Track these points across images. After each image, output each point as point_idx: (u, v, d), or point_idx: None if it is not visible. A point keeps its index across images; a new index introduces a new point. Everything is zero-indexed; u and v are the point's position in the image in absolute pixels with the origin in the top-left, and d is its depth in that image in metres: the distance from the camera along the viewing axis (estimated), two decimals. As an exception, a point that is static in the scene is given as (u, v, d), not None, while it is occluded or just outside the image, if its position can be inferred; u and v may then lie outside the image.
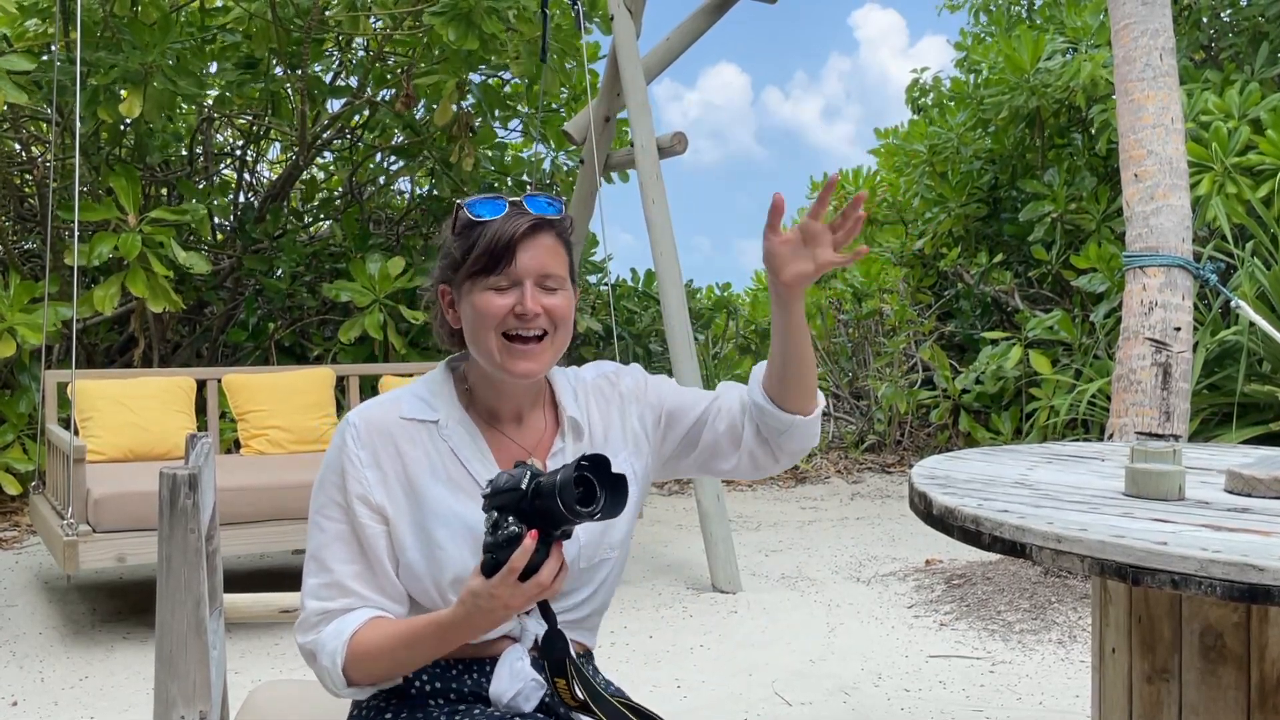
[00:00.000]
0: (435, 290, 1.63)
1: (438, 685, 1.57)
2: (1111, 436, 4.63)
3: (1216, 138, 6.03)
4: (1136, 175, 4.68)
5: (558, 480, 1.37)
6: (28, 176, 7.50)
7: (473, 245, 1.55)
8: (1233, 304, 4.50)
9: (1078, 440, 6.45)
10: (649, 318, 9.12)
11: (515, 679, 1.56)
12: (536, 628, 1.60)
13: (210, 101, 7.51)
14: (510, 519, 1.40)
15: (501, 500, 1.41)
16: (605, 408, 1.70)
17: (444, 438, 1.59)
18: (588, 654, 1.70)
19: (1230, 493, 1.75)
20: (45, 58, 6.27)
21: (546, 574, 1.40)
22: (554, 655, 1.52)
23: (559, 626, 1.57)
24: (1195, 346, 5.14)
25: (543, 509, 1.39)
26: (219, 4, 7.22)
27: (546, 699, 1.57)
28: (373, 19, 7.10)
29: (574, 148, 7.62)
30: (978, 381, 7.77)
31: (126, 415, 4.79)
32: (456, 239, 1.58)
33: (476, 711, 1.54)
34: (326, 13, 6.81)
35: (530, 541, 1.38)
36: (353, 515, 1.54)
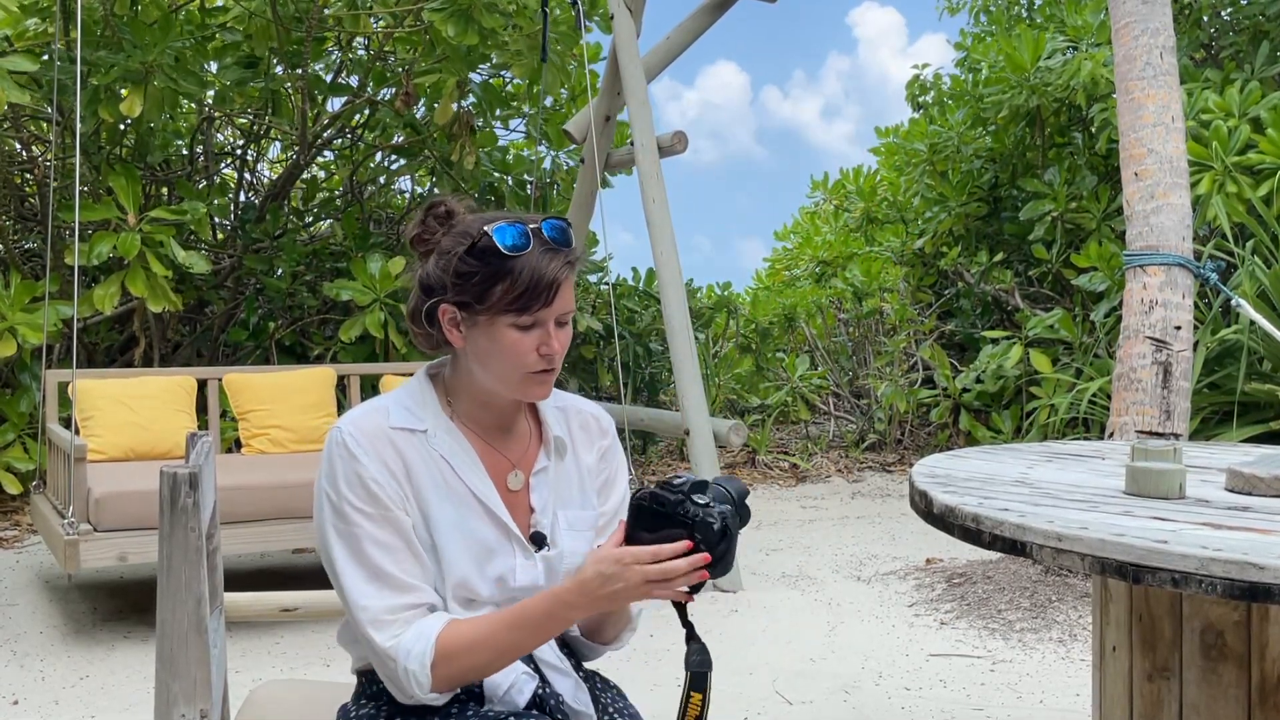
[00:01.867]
0: (433, 305, 1.58)
1: None
2: (1112, 435, 4.63)
3: (1217, 136, 6.03)
4: (1137, 174, 4.67)
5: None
6: (28, 176, 7.50)
7: (500, 278, 1.52)
8: (1233, 303, 4.50)
9: (1078, 439, 6.45)
10: (649, 317, 9.11)
11: (507, 672, 1.56)
12: None
13: (210, 100, 7.51)
14: (718, 510, 1.46)
15: (712, 503, 1.47)
16: (588, 440, 1.72)
17: (434, 448, 1.58)
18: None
19: (1230, 491, 1.75)
20: (45, 57, 6.27)
21: (674, 571, 1.45)
22: (700, 668, 1.54)
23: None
24: (1195, 345, 5.13)
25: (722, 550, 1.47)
26: (219, 3, 7.22)
27: (539, 691, 1.58)
28: (373, 19, 7.09)
29: (574, 147, 7.62)
30: (978, 380, 7.77)
31: (127, 415, 4.79)
32: (475, 263, 1.53)
33: (469, 712, 1.54)
34: (326, 11, 6.81)
35: (687, 547, 1.45)
36: (386, 514, 1.53)
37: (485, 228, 1.54)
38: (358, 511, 1.52)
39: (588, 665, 1.73)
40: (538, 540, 1.62)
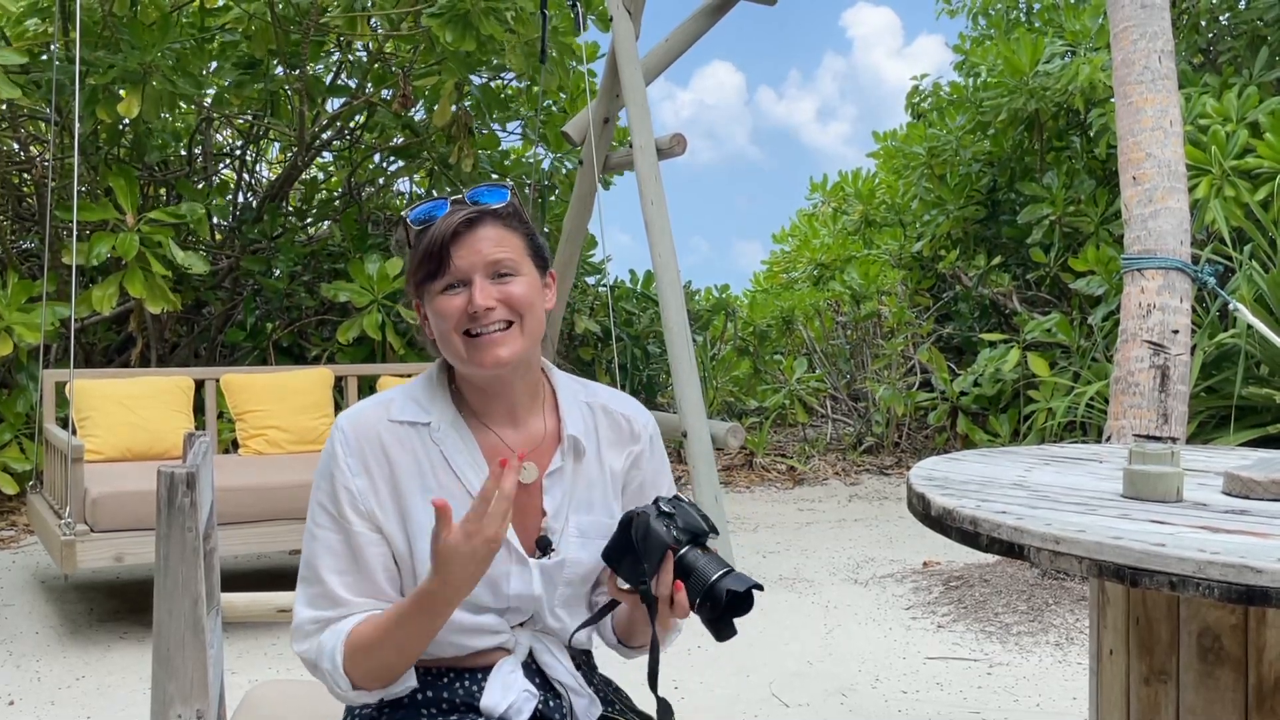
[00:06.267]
0: (409, 306, 1.62)
1: (429, 694, 1.56)
2: (1109, 439, 4.63)
3: (1215, 141, 6.04)
4: (1135, 178, 4.68)
5: (713, 580, 1.41)
6: (26, 176, 7.50)
7: (417, 252, 1.53)
8: (1231, 307, 4.50)
9: (1076, 442, 6.46)
10: (647, 319, 9.12)
11: (508, 691, 1.54)
12: (530, 640, 1.59)
13: (209, 101, 7.50)
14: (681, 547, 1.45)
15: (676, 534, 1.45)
16: (616, 443, 1.65)
17: (435, 441, 1.55)
18: (587, 655, 1.69)
19: (1228, 495, 1.75)
20: (45, 57, 6.26)
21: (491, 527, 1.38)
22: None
23: (548, 622, 1.59)
24: (1193, 349, 5.14)
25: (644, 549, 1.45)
26: (219, 4, 7.22)
27: (539, 707, 1.56)
28: (372, 21, 7.09)
29: (573, 149, 7.62)
30: (976, 384, 7.78)
31: (124, 415, 4.79)
32: (411, 251, 1.55)
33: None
34: (326, 13, 6.81)
35: (496, 480, 1.39)
36: (344, 523, 1.52)
37: (404, 213, 1.55)
38: (321, 508, 1.54)
39: (601, 664, 1.70)
40: (544, 545, 1.57)
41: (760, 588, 1.41)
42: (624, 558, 1.47)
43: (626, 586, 1.48)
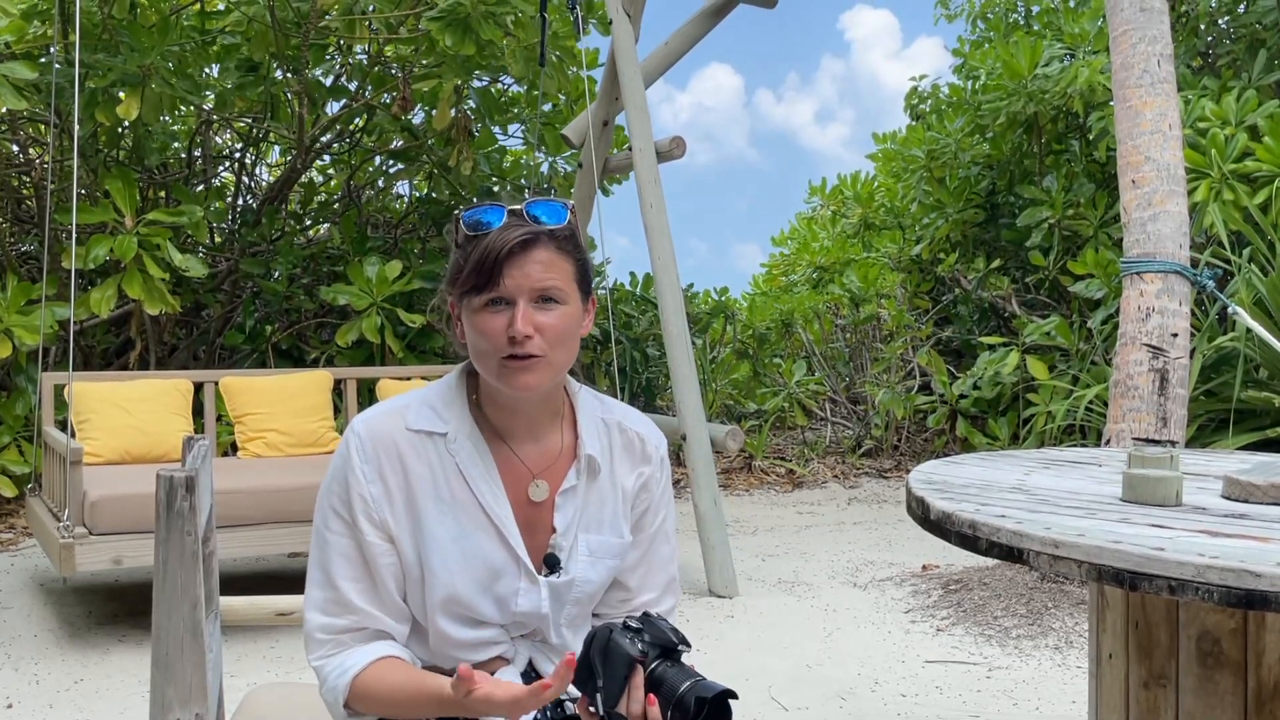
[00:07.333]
0: (446, 303, 1.57)
1: None
2: (1109, 442, 4.63)
3: (1214, 144, 6.04)
4: (1134, 181, 4.68)
5: (682, 690, 1.36)
6: (25, 178, 7.50)
7: (466, 259, 1.48)
8: (1230, 310, 4.50)
9: (1075, 446, 6.46)
10: (646, 321, 9.12)
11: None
12: (530, 651, 1.59)
13: (210, 104, 7.51)
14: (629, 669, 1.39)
15: (645, 650, 1.40)
16: (629, 462, 1.63)
17: (451, 453, 1.53)
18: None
19: (1227, 499, 1.75)
20: (44, 60, 6.26)
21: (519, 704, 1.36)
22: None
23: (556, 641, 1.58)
24: (1192, 353, 5.14)
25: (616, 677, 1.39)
26: (219, 6, 7.22)
27: (538, 716, 1.55)
28: (371, 26, 7.10)
29: (572, 152, 7.62)
30: (975, 387, 7.78)
31: (123, 417, 4.79)
32: (457, 251, 1.51)
33: None
34: (327, 16, 6.81)
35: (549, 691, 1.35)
36: (356, 531, 1.51)
37: (458, 212, 1.52)
38: (334, 513, 1.52)
39: None
40: (551, 563, 1.56)
41: (734, 695, 1.35)
42: (590, 678, 1.42)
43: (595, 710, 1.42)
